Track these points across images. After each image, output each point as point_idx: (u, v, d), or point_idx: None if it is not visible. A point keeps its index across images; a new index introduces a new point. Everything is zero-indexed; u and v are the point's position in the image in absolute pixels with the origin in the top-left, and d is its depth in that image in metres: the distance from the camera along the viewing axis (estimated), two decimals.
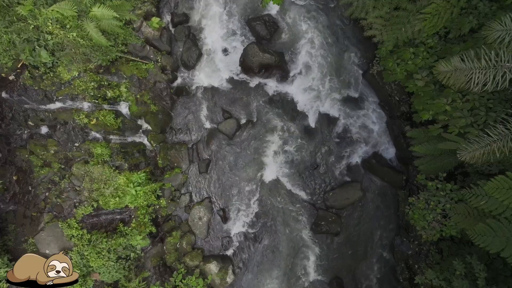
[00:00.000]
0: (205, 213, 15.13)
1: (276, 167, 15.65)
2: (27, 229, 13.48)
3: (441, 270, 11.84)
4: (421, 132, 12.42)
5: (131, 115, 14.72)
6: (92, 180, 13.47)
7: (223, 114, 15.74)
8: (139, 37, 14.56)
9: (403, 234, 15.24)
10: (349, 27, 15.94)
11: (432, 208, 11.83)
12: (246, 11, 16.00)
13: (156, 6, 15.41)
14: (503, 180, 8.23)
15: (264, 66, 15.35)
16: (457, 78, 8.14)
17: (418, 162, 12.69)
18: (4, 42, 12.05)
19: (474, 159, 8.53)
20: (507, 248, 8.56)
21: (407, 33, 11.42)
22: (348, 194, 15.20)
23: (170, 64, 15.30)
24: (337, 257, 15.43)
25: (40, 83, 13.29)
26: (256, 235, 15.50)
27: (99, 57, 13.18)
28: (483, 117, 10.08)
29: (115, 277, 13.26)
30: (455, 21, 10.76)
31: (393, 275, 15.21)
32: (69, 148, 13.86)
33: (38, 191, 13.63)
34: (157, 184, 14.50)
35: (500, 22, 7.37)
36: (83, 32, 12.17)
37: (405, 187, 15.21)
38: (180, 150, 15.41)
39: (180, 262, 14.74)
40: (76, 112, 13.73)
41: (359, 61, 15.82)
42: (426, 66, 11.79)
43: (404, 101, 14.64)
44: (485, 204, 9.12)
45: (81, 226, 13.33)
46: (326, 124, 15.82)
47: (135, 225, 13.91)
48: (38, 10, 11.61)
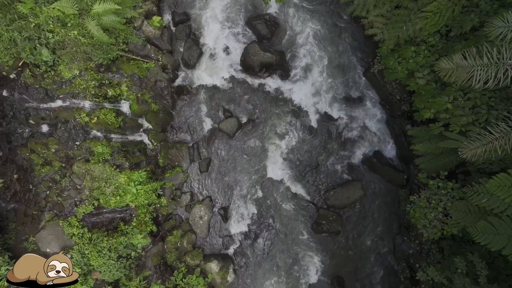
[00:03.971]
0: (206, 212, 15.11)
1: (277, 166, 15.64)
2: (28, 228, 13.45)
3: (442, 269, 11.82)
4: (422, 130, 12.41)
5: (132, 114, 14.70)
6: (93, 179, 13.45)
7: (224, 113, 15.73)
8: (140, 36, 14.56)
9: (404, 233, 15.23)
10: (350, 26, 15.95)
11: (433, 206, 11.82)
12: (247, 10, 16.01)
13: (157, 5, 15.42)
14: (505, 178, 8.23)
15: (265, 65, 15.36)
16: (458, 75, 8.13)
17: (419, 160, 12.68)
18: (5, 40, 12.03)
19: (475, 157, 8.52)
20: (509, 245, 8.56)
21: (408, 32, 11.41)
22: (349, 193, 15.18)
23: (171, 63, 15.30)
24: (338, 256, 15.40)
25: (41, 82, 13.27)
26: (257, 234, 15.48)
27: (100, 56, 13.17)
28: (484, 115, 10.07)
29: (116, 276, 13.22)
30: (457, 19, 10.76)
31: (394, 274, 15.18)
32: (70, 147, 13.83)
33: (39, 190, 13.60)
34: (157, 183, 14.49)
35: (502, 19, 7.36)
36: (84, 30, 12.17)
37: (406, 186, 15.20)
38: (180, 149, 15.40)
39: (180, 261, 14.72)
40: (77, 111, 13.71)
41: (359, 60, 15.82)
42: (427, 65, 11.79)
43: (405, 100, 14.64)
44: (487, 202, 9.11)
45: (82, 225, 13.30)
46: (327, 123, 15.81)
47: (136, 224, 13.89)
48: (39, 8, 11.60)
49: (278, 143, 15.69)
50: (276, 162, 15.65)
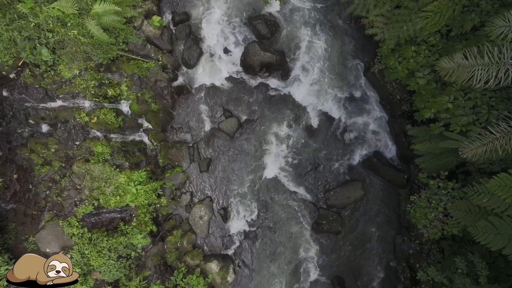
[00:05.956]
0: (206, 212, 15.10)
1: (277, 166, 15.62)
2: (28, 228, 13.44)
3: (443, 269, 11.81)
4: (423, 130, 12.39)
5: (131, 114, 14.68)
6: (93, 179, 13.43)
7: (224, 113, 15.71)
8: (140, 36, 14.53)
9: (404, 233, 15.21)
10: (350, 25, 15.93)
11: (434, 206, 11.81)
12: (247, 10, 15.98)
13: (157, 4, 15.39)
14: (505, 178, 8.23)
15: (265, 65, 15.34)
16: (459, 75, 8.11)
17: (420, 160, 12.67)
18: (5, 40, 12.00)
19: (476, 156, 8.51)
20: (509, 245, 8.55)
21: (409, 31, 11.38)
22: (349, 193, 15.17)
23: (171, 63, 15.28)
24: (338, 256, 15.39)
25: (41, 81, 13.25)
26: (257, 234, 15.46)
27: (100, 55, 13.15)
28: (485, 115, 10.05)
29: (116, 276, 13.21)
30: (457, 19, 10.73)
31: (394, 274, 15.18)
32: (69, 147, 13.82)
33: (38, 190, 13.59)
34: (157, 183, 14.47)
35: (503, 18, 7.34)
36: (84, 30, 12.14)
37: (406, 186, 15.19)
38: (180, 149, 15.38)
39: (180, 261, 14.71)
40: (76, 111, 13.69)
41: (360, 60, 15.81)
42: (428, 64, 11.76)
43: (405, 99, 14.62)
44: (487, 202, 9.10)
45: (82, 225, 13.29)
46: (327, 123, 15.79)
47: (136, 224, 13.88)
48: (39, 8, 11.57)
49: (278, 143, 15.67)
50: (276, 162, 15.63)
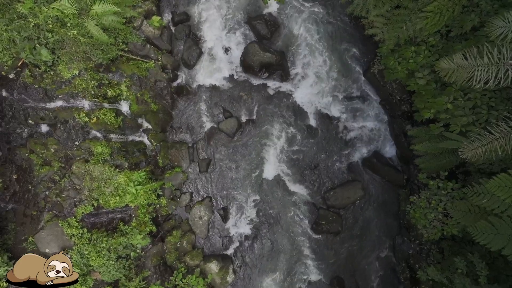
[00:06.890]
0: (206, 212, 15.09)
1: (277, 166, 15.62)
2: (27, 228, 13.43)
3: (443, 269, 11.81)
4: (422, 130, 12.39)
5: (131, 114, 14.67)
6: (93, 179, 13.42)
7: (223, 113, 15.71)
8: (140, 36, 14.52)
9: (404, 233, 15.22)
10: (349, 26, 15.91)
11: (434, 207, 11.81)
12: (247, 10, 15.97)
13: (157, 5, 15.38)
14: (505, 178, 8.22)
15: (265, 65, 15.33)
16: (459, 75, 8.09)
17: (419, 160, 12.66)
18: (4, 40, 12.00)
19: (475, 157, 8.50)
20: (509, 245, 8.54)
21: (409, 32, 11.36)
22: (348, 193, 15.17)
23: (171, 63, 15.28)
24: (337, 256, 15.38)
25: (40, 82, 13.24)
26: (257, 234, 15.45)
27: (99, 56, 13.14)
28: (485, 115, 10.05)
29: (115, 276, 13.21)
30: (457, 19, 10.72)
31: (394, 275, 15.18)
32: (69, 147, 13.81)
33: (38, 190, 13.58)
34: (157, 183, 14.47)
35: (503, 18, 7.33)
36: (83, 30, 12.13)
37: (406, 186, 15.19)
38: (180, 149, 15.37)
39: (180, 261, 14.70)
40: (76, 111, 13.68)
41: (359, 60, 15.80)
42: (428, 65, 11.76)
43: (405, 100, 14.61)
44: (487, 203, 9.10)
45: (81, 225, 13.29)
46: (327, 123, 15.79)
47: (136, 224, 13.87)
48: (39, 8, 11.56)
49: (278, 143, 15.66)
50: (276, 162, 15.63)
